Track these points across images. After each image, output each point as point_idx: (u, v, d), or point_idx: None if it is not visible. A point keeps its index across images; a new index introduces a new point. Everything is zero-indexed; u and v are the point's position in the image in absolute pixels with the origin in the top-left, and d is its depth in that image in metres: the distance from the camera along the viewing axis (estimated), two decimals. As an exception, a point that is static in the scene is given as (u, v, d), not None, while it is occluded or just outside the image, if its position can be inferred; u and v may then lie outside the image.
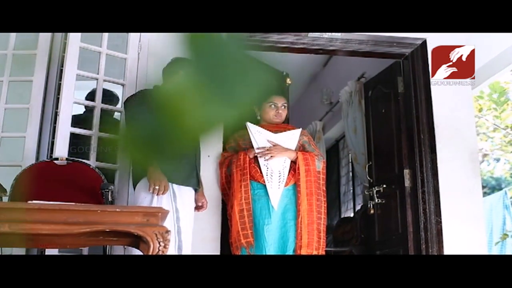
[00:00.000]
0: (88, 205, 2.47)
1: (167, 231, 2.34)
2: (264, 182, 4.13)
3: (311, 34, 4.90)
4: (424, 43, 4.94)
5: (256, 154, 4.21)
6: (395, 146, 5.10)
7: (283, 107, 4.43)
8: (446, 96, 4.82)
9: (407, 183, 4.86)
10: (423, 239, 4.62)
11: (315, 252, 3.95)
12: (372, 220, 5.46)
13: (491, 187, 12.98)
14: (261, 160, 4.19)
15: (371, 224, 5.51)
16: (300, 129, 4.43)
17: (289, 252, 3.99)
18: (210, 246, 4.19)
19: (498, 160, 12.31)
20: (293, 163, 4.22)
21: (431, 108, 4.81)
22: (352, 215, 7.58)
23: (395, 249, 4.92)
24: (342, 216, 8.05)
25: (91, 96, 4.45)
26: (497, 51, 5.45)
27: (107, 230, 2.32)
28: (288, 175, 4.17)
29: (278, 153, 4.19)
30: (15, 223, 2.29)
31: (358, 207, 7.33)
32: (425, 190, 4.68)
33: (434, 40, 4.86)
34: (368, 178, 5.57)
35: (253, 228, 4.07)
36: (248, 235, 4.08)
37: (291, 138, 4.33)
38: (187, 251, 3.68)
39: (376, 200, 5.28)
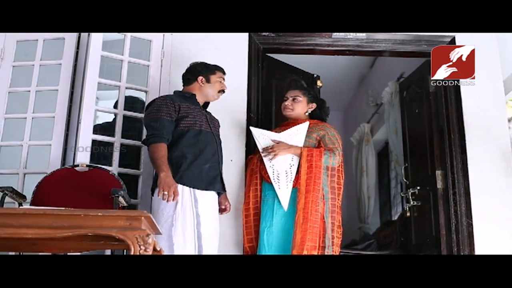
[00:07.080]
0: (73, 210, 2.52)
1: (148, 235, 2.35)
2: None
3: (336, 35, 4.86)
4: (453, 41, 4.81)
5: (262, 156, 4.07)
6: (427, 146, 4.99)
7: (293, 99, 4.20)
8: (476, 94, 4.68)
9: (439, 184, 4.74)
10: (454, 241, 4.49)
11: (305, 252, 3.67)
12: (409, 223, 5.35)
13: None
14: (266, 161, 4.01)
15: (408, 227, 5.39)
16: (307, 122, 4.11)
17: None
18: (233, 250, 4.20)
19: None
20: None
21: (461, 107, 4.69)
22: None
23: (430, 252, 4.78)
24: (392, 219, 7.89)
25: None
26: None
27: (90, 234, 2.36)
28: (296, 175, 3.94)
29: (281, 150, 3.97)
30: (1, 228, 2.36)
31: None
32: (456, 191, 4.56)
33: (463, 37, 4.74)
34: (405, 180, 5.45)
35: (258, 232, 3.98)
36: (252, 239, 4.05)
37: (296, 133, 4.05)
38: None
39: (412, 203, 5.16)
